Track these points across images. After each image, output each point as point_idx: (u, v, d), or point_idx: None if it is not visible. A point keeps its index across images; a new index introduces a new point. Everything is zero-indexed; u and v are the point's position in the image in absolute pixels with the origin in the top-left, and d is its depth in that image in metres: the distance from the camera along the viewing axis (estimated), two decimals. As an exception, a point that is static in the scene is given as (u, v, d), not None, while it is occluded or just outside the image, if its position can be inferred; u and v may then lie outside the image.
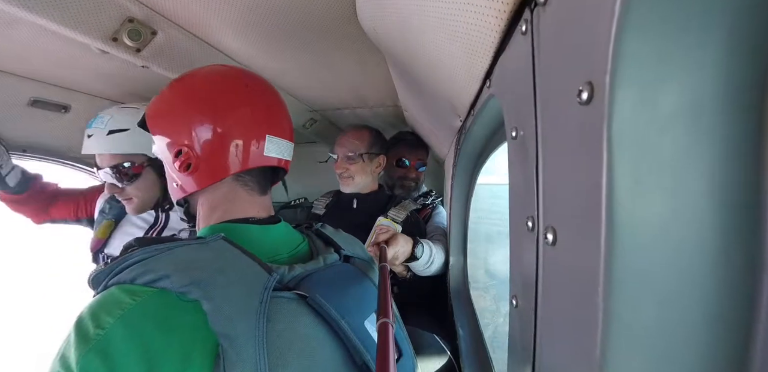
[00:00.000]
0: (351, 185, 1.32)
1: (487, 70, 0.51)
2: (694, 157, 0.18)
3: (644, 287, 0.21)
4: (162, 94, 0.59)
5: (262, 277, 0.44)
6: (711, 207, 0.19)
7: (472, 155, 0.97)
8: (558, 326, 0.29)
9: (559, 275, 0.26)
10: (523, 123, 0.33)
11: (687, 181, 0.19)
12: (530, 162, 0.31)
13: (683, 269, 0.21)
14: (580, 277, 0.23)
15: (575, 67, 0.22)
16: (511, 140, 0.37)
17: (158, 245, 0.44)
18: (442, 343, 0.99)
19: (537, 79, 0.30)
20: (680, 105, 0.17)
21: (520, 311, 0.35)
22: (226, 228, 0.54)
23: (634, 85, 0.18)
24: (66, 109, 1.18)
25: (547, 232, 0.26)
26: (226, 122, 0.55)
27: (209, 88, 0.57)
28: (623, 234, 0.20)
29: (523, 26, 0.33)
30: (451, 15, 0.44)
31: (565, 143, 0.24)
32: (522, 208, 0.33)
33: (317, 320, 0.45)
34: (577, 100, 0.20)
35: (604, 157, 0.19)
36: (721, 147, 0.18)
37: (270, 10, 0.79)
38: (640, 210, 0.20)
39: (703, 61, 0.17)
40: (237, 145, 0.55)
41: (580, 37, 0.21)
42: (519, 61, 0.35)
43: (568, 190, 0.24)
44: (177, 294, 0.39)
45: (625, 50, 0.18)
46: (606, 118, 0.18)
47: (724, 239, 0.19)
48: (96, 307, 0.39)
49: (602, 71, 0.19)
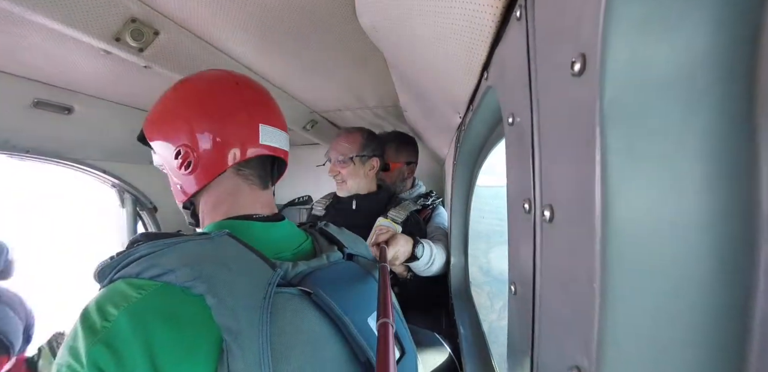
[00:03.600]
0: (345, 189, 1.32)
1: (484, 63, 0.51)
2: (689, 125, 0.18)
3: (641, 265, 0.21)
4: (157, 103, 0.62)
5: (266, 272, 0.44)
6: (707, 177, 0.19)
7: (472, 152, 0.97)
8: (556, 312, 0.29)
9: (557, 256, 0.26)
10: (520, 109, 0.33)
11: (682, 150, 0.19)
12: (526, 146, 0.31)
13: (680, 245, 0.21)
14: (577, 256, 0.23)
15: (568, 41, 0.22)
16: (508, 127, 0.37)
17: (165, 240, 0.45)
18: (443, 341, 0.98)
19: (531, 62, 0.30)
20: (673, 69, 0.17)
21: (518, 298, 0.35)
22: (230, 225, 0.55)
23: (625, 51, 0.18)
24: (69, 110, 1.19)
25: (544, 209, 0.26)
26: (220, 117, 0.56)
27: (201, 89, 0.59)
28: (618, 209, 0.20)
29: (518, 12, 0.33)
30: (449, 8, 0.45)
31: (560, 121, 0.24)
32: (520, 191, 0.33)
33: (321, 316, 0.45)
34: (570, 72, 0.20)
35: (597, 130, 0.19)
36: (715, 113, 0.18)
37: (271, 12, 0.80)
38: (635, 184, 0.20)
39: (694, 23, 0.17)
40: (232, 136, 0.57)
41: (572, 10, 0.21)
42: (514, 48, 0.35)
43: (564, 169, 0.24)
44: (182, 288, 0.40)
45: (616, 19, 0.18)
46: (598, 88, 0.19)
47: (723, 209, 0.19)
48: (102, 300, 0.40)
49: (593, 41, 0.19)
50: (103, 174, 1.42)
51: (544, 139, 0.27)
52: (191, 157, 0.56)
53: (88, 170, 1.40)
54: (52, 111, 1.15)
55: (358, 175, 1.31)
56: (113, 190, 1.49)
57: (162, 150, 0.59)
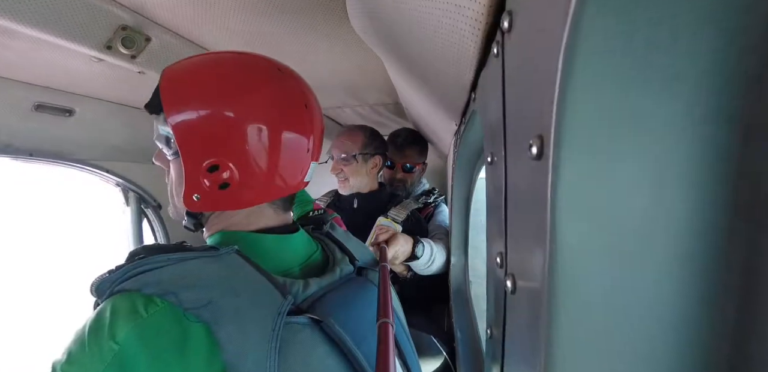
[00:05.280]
0: (347, 187, 1.32)
1: (473, 83, 0.49)
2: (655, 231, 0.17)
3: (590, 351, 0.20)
4: (205, 72, 0.49)
5: (275, 299, 0.41)
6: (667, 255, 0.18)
7: (471, 157, 0.95)
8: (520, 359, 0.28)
9: (520, 320, 0.26)
10: (497, 151, 0.32)
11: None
12: (500, 193, 0.30)
13: (630, 330, 0.20)
14: (534, 327, 0.22)
15: (531, 114, 0.21)
16: (488, 165, 0.36)
17: (169, 255, 0.41)
18: (439, 344, 0.99)
19: (506, 109, 0.29)
20: (639, 171, 0.16)
21: (493, 341, 0.35)
22: (242, 237, 0.50)
23: (583, 145, 0.17)
24: (70, 112, 1.20)
25: (507, 279, 0.25)
26: (288, 144, 0.49)
27: (277, 96, 0.49)
28: (568, 294, 0.19)
29: (495, 48, 0.31)
30: (436, 31, 0.43)
31: (524, 191, 0.23)
32: (495, 240, 0.32)
33: (331, 349, 0.42)
34: (528, 153, 0.19)
35: (548, 218, 0.18)
36: (680, 217, 0.17)
37: (263, 12, 0.78)
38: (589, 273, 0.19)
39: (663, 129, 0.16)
40: (287, 169, 0.50)
41: (536, 78, 0.20)
42: (494, 83, 0.34)
43: (524, 235, 0.23)
44: (184, 312, 0.37)
45: (572, 107, 0.17)
46: (550, 177, 0.17)
47: (682, 309, 0.18)
48: (108, 316, 0.37)
49: (549, 128, 0.17)
50: (106, 173, 1.44)
51: (513, 198, 0.26)
52: (230, 179, 0.47)
53: (92, 170, 1.41)
54: (53, 114, 1.15)
55: (360, 173, 1.30)
56: (117, 189, 1.51)
57: (188, 144, 0.47)
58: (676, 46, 0.15)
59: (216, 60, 0.52)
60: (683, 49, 0.15)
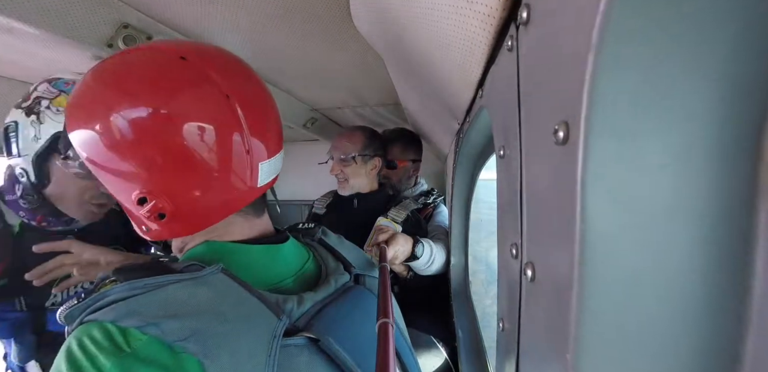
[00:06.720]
0: (347, 188, 1.33)
1: (480, 80, 0.49)
2: (680, 213, 0.17)
3: (616, 338, 0.20)
4: (93, 89, 0.41)
5: (269, 320, 0.38)
6: (695, 249, 0.18)
7: (471, 157, 0.96)
8: (537, 351, 0.28)
9: (539, 310, 0.26)
10: (510, 143, 0.32)
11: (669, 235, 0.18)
12: (514, 185, 0.30)
13: (657, 318, 0.20)
14: (558, 316, 0.22)
15: (552, 101, 0.21)
16: (499, 159, 0.36)
17: (145, 280, 0.36)
18: (439, 345, 0.99)
19: (522, 101, 0.29)
20: (666, 155, 0.16)
21: (506, 333, 0.35)
22: (226, 248, 0.47)
23: (610, 129, 0.17)
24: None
25: (526, 268, 0.25)
26: (217, 150, 0.42)
27: (181, 94, 0.41)
28: (598, 282, 0.19)
29: (509, 42, 0.32)
30: (442, 28, 0.43)
31: (546, 180, 0.23)
32: (508, 232, 0.32)
33: (330, 369, 0.40)
34: (553, 139, 0.19)
35: (577, 206, 0.18)
36: (707, 201, 0.17)
37: (265, 11, 0.78)
38: (619, 262, 0.19)
39: (694, 107, 0.16)
40: (225, 182, 0.44)
41: (558, 66, 0.20)
42: (506, 77, 0.34)
43: (546, 223, 0.23)
44: (169, 345, 0.33)
45: (601, 91, 0.17)
46: (580, 162, 0.18)
47: (709, 295, 0.18)
48: (81, 357, 0.32)
49: (577, 113, 0.18)
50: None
51: (532, 186, 0.26)
52: (163, 209, 0.42)
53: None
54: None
55: (359, 174, 1.31)
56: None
57: (107, 184, 0.43)
58: (704, 29, 0.15)
59: (94, 72, 0.42)
60: (710, 32, 0.16)
